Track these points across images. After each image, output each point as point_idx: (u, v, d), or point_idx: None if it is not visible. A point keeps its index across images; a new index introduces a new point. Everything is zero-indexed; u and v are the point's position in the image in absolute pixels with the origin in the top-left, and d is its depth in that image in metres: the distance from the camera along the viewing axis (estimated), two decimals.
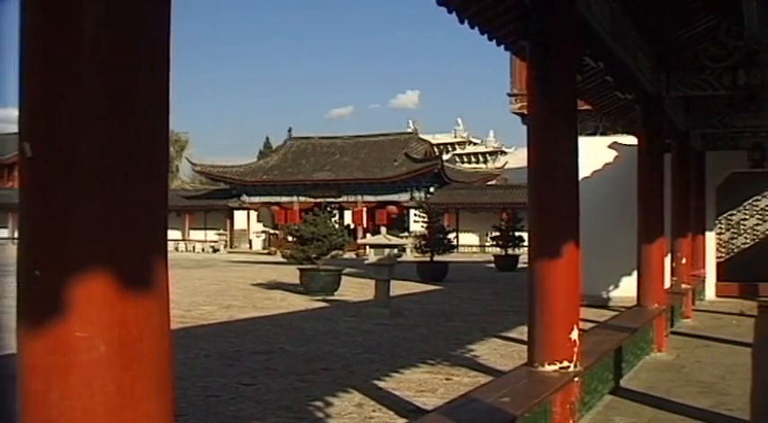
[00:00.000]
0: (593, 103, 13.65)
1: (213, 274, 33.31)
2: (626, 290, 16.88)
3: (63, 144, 2.19)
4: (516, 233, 37.10)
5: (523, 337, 8.29)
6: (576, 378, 7.07)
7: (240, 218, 66.03)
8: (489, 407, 5.69)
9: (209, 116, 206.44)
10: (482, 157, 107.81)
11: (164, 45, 2.39)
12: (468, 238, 59.77)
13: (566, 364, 6.92)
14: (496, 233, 38.79)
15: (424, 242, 31.94)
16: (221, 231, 65.56)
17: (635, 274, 13.16)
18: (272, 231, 61.27)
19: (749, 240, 21.03)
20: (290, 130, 66.67)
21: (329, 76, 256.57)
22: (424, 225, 33.01)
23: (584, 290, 8.18)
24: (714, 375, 10.32)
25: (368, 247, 21.99)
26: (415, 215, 38.39)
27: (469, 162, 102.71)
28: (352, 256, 41.96)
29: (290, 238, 27.29)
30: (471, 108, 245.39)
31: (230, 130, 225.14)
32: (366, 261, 20.97)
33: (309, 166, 61.41)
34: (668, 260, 15.00)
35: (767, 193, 21.08)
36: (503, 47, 8.33)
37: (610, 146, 19.31)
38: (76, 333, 2.16)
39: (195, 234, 66.75)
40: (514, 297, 20.38)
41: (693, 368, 10.96)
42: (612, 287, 19.07)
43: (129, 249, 2.25)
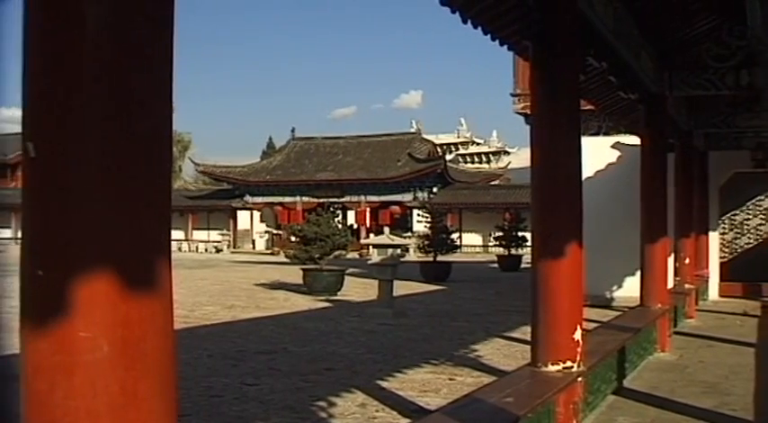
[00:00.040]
0: (596, 102, 13.63)
1: (216, 275, 33.33)
2: (629, 290, 16.89)
3: (66, 144, 2.19)
4: (519, 233, 37.08)
5: (527, 338, 8.29)
6: (580, 378, 7.06)
7: (243, 218, 66.08)
8: (492, 407, 5.69)
9: (212, 116, 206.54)
10: (485, 158, 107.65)
11: (167, 45, 2.39)
12: (472, 239, 59.77)
13: (569, 364, 6.92)
14: (499, 233, 38.81)
15: (427, 242, 31.97)
16: (224, 231, 65.63)
17: (638, 274, 13.14)
18: (275, 231, 61.26)
19: (752, 240, 20.99)
20: (293, 131, 66.79)
21: (332, 76, 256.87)
22: (427, 225, 32.99)
23: (587, 290, 8.16)
24: (717, 375, 10.31)
25: (371, 247, 21.96)
26: (419, 215, 38.46)
27: (472, 162, 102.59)
28: (356, 256, 41.99)
29: (293, 239, 27.29)
30: (474, 108, 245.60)
31: (233, 131, 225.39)
32: (369, 261, 20.96)
33: (312, 166, 61.46)
34: (671, 260, 14.96)
35: None
36: (506, 47, 8.31)
37: (613, 146, 19.29)
38: (80, 333, 2.16)
39: (198, 234, 66.79)
40: (517, 297, 20.35)
41: (697, 368, 10.95)
42: (616, 287, 19.07)
43: (133, 249, 2.24)
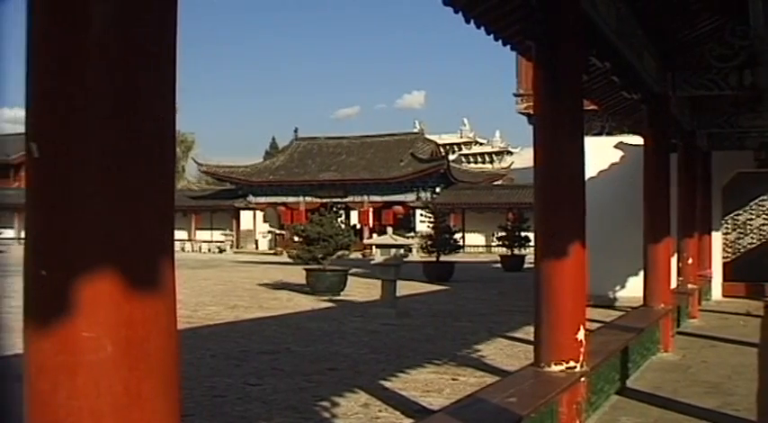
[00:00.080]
0: (599, 103, 13.63)
1: (219, 275, 33.35)
2: (632, 290, 16.88)
3: (70, 144, 2.19)
4: (522, 233, 37.10)
5: (530, 338, 8.29)
6: (583, 378, 7.06)
7: (246, 218, 66.10)
8: (496, 407, 5.69)
9: (215, 116, 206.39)
10: (488, 158, 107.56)
11: (170, 45, 2.40)
12: (475, 239, 59.75)
13: (572, 364, 6.92)
14: (502, 233, 38.79)
15: (430, 242, 31.95)
16: (227, 232, 65.67)
17: (641, 274, 13.13)
18: (278, 231, 61.30)
19: (755, 240, 20.97)
20: (296, 131, 66.86)
21: (335, 77, 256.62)
22: (431, 225, 32.99)
23: (590, 290, 8.17)
24: (720, 376, 10.30)
25: (374, 247, 21.96)
26: (422, 215, 38.44)
27: (476, 162, 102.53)
28: (359, 256, 41.98)
29: (296, 239, 27.30)
30: (477, 108, 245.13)
31: (236, 131, 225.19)
32: (372, 261, 20.95)
33: (316, 166, 61.47)
34: (674, 260, 14.95)
35: None
36: (509, 47, 8.33)
37: (616, 146, 19.29)
38: (83, 333, 2.16)
39: (201, 234, 66.84)
40: (521, 297, 20.37)
41: (700, 368, 10.94)
42: (619, 287, 19.06)
43: (136, 249, 2.25)
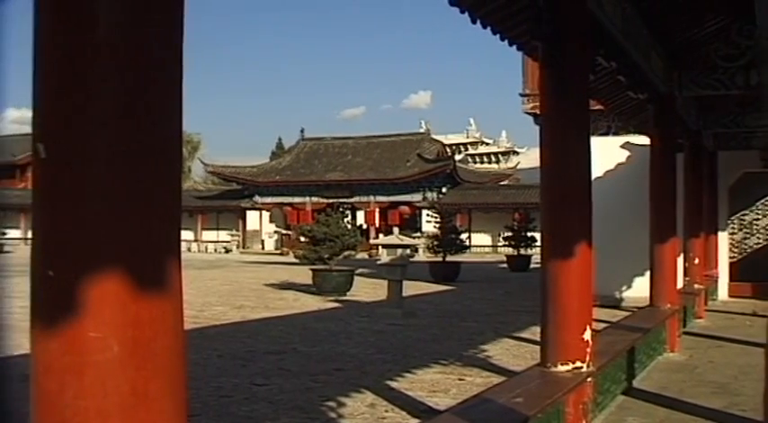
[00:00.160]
0: (605, 102, 13.62)
1: (226, 275, 33.38)
2: (639, 290, 16.87)
3: (77, 145, 2.19)
4: (529, 233, 37.08)
5: (536, 338, 8.28)
6: (589, 378, 7.05)
7: (252, 218, 66.18)
8: (502, 407, 5.68)
9: (221, 117, 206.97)
10: (494, 158, 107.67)
11: (177, 45, 2.40)
12: (481, 239, 59.74)
13: (579, 364, 6.91)
14: (509, 233, 38.79)
15: (436, 242, 31.95)
16: (234, 232, 65.70)
17: (647, 274, 13.11)
18: (284, 232, 61.31)
19: (762, 240, 20.92)
20: (302, 131, 66.88)
21: (341, 77, 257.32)
22: (437, 225, 32.97)
23: (596, 290, 8.15)
24: (727, 376, 10.28)
25: (380, 247, 22.02)
26: (428, 215, 38.45)
27: (482, 162, 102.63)
28: (365, 256, 42.02)
29: (302, 239, 27.30)
30: (484, 108, 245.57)
31: (243, 131, 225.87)
32: (378, 261, 21.01)
33: (322, 166, 61.50)
34: (681, 260, 14.93)
35: None
36: (515, 47, 8.33)
37: (622, 146, 19.26)
38: (90, 333, 2.16)
39: (208, 234, 66.97)
40: (527, 297, 20.33)
41: (706, 368, 10.93)
42: (625, 287, 19.04)
43: (143, 250, 2.25)
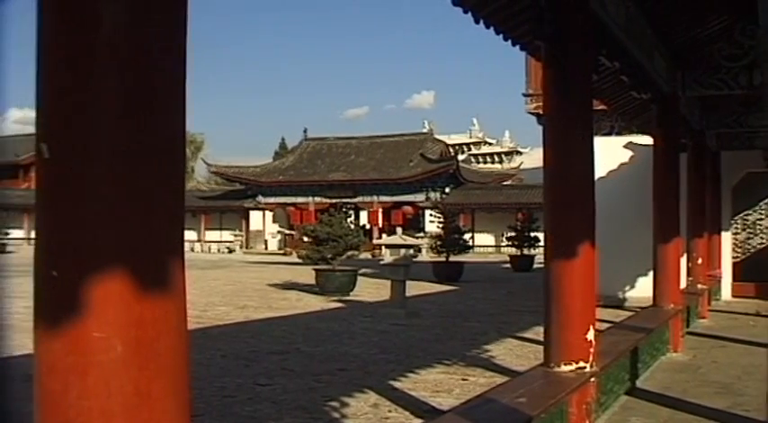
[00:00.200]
0: (608, 102, 13.61)
1: (229, 275, 33.39)
2: (642, 290, 16.85)
3: (80, 145, 2.20)
4: (532, 233, 37.04)
5: (539, 338, 8.28)
6: (593, 378, 7.05)
7: (256, 218, 66.19)
8: (505, 407, 5.68)
9: (225, 117, 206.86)
10: (497, 158, 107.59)
11: (180, 45, 2.40)
12: (484, 239, 59.75)
13: (582, 364, 6.90)
14: (512, 233, 38.77)
15: (439, 242, 31.94)
16: (237, 232, 65.78)
17: (651, 274, 13.10)
18: (287, 232, 61.37)
19: (765, 240, 20.88)
20: (305, 131, 66.94)
21: (345, 77, 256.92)
22: (440, 225, 32.97)
23: (600, 290, 8.16)
24: (730, 376, 10.26)
25: (383, 247, 22.02)
26: (431, 215, 38.44)
27: (485, 162, 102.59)
28: (368, 256, 42.01)
29: (305, 239, 27.29)
30: (487, 108, 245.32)
31: (246, 131, 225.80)
32: (382, 261, 21.00)
33: (325, 166, 61.52)
34: (684, 260, 14.92)
35: None
36: (518, 47, 8.33)
37: (625, 146, 19.24)
38: (94, 333, 2.16)
39: (211, 234, 67.01)
40: (530, 297, 20.34)
41: (709, 369, 10.91)
42: (628, 287, 19.02)
43: (146, 250, 2.25)
